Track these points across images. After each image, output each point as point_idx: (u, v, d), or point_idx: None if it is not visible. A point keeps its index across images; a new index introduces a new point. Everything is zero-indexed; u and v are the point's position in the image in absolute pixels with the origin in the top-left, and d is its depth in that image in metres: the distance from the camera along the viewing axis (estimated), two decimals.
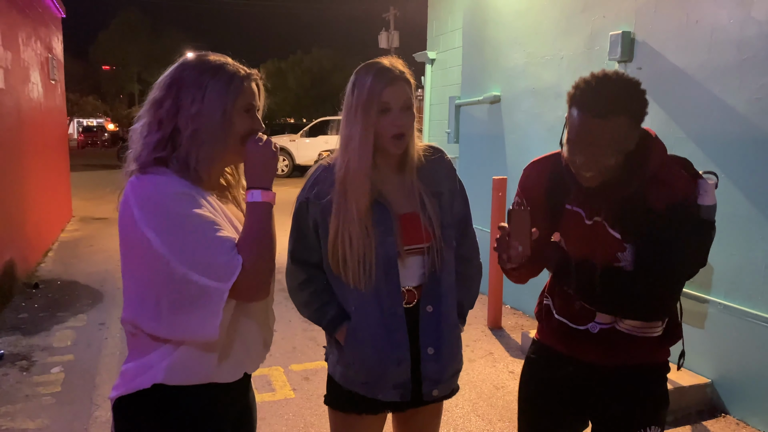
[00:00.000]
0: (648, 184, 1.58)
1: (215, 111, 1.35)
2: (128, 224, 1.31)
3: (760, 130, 3.15)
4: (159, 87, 1.39)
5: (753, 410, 3.25)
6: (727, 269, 3.36)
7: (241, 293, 1.33)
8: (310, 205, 1.71)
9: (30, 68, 7.01)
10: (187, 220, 1.29)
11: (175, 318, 1.30)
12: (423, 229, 1.69)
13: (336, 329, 1.71)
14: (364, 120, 1.62)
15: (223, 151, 1.40)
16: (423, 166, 1.74)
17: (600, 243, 1.63)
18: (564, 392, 1.78)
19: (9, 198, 5.72)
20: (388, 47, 24.05)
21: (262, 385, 3.70)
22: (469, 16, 6.09)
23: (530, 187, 1.77)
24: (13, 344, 4.37)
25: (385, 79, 1.62)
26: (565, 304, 1.75)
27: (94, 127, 42.61)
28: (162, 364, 1.34)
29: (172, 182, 1.33)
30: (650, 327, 1.67)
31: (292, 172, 18.54)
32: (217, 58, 1.42)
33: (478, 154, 5.90)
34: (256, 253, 1.33)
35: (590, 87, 1.50)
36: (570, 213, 1.68)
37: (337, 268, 1.67)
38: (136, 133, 1.40)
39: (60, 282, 6.10)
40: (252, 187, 1.38)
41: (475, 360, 4.16)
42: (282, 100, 37.86)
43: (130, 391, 1.36)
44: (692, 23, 3.52)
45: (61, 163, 9.35)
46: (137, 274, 1.33)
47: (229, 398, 1.46)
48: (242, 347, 1.45)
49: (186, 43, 39.97)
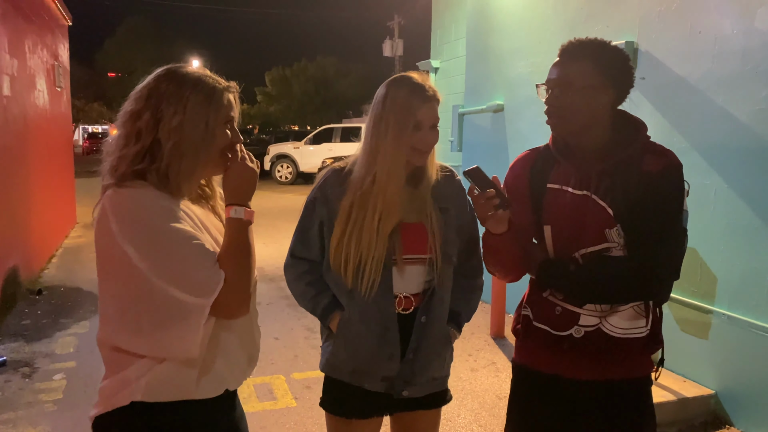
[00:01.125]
0: (642, 152, 1.60)
1: (198, 123, 1.34)
2: (106, 239, 1.28)
3: (763, 140, 3.14)
4: (136, 99, 1.36)
5: (757, 422, 3.22)
6: (731, 280, 3.34)
7: (221, 309, 1.31)
8: (318, 204, 1.77)
9: (36, 75, 7.05)
10: (167, 235, 1.27)
11: (155, 334, 1.28)
12: (427, 241, 1.74)
13: (328, 317, 1.77)
14: (398, 136, 1.66)
15: (204, 163, 1.39)
16: (436, 182, 1.79)
17: (588, 218, 1.61)
18: (549, 421, 1.72)
19: (14, 204, 5.75)
20: (392, 55, 24.16)
21: (264, 394, 3.69)
22: (472, 26, 6.11)
23: (513, 179, 1.79)
24: (16, 351, 4.38)
25: (421, 97, 1.67)
26: (545, 311, 1.70)
27: (99, 133, 42.80)
28: (140, 381, 1.32)
29: (151, 196, 1.30)
30: (635, 327, 1.63)
31: (296, 179, 18.58)
32: (195, 70, 1.41)
33: (481, 162, 5.84)
34: (238, 268, 1.32)
35: (572, 40, 1.61)
36: (552, 191, 1.68)
37: (338, 267, 1.73)
38: (112, 145, 1.37)
39: (63, 288, 6.12)
40: (235, 204, 1.37)
41: (477, 369, 4.15)
42: (286, 108, 38.01)
43: (108, 408, 1.34)
44: (695, 33, 3.52)
45: (65, 169, 9.40)
46: (116, 290, 1.31)
47: (210, 415, 1.42)
48: (224, 363, 1.41)
49: (191, 50, 40.20)
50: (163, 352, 1.31)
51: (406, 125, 1.66)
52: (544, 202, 1.70)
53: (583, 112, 1.58)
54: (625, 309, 1.63)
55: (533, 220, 1.73)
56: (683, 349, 3.59)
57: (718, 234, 3.40)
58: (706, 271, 3.47)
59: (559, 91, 1.59)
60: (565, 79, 1.58)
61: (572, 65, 1.58)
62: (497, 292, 4.76)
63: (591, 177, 1.62)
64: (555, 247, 1.69)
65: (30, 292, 5.83)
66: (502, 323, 4.82)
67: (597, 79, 1.56)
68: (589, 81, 1.56)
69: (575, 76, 1.57)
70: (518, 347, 1.83)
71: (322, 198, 1.76)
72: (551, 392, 1.71)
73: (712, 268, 3.44)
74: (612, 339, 1.63)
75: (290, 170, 18.84)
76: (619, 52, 1.61)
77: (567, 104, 1.58)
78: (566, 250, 1.66)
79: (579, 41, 1.60)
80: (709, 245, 3.45)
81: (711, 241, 3.44)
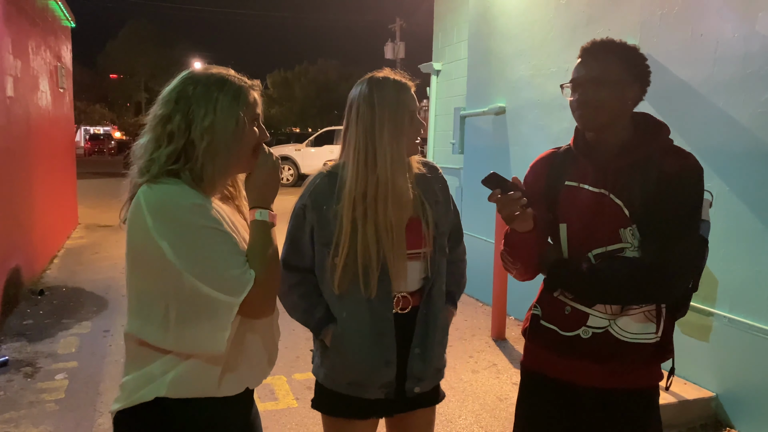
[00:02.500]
0: (661, 153, 1.61)
1: (229, 122, 1.37)
2: (140, 233, 1.30)
3: (764, 144, 3.15)
4: (164, 103, 1.39)
5: (758, 425, 3.22)
6: (733, 282, 3.35)
7: (249, 309, 1.33)
8: (308, 211, 1.75)
9: (39, 77, 7.07)
10: (201, 232, 1.30)
11: (182, 330, 1.30)
12: (423, 235, 1.75)
13: (321, 331, 1.75)
14: (396, 132, 1.69)
15: (237, 161, 1.41)
16: (421, 175, 1.81)
17: (603, 216, 1.61)
18: (555, 426, 1.72)
19: (16, 204, 5.76)
20: (394, 58, 24.19)
21: (265, 394, 3.70)
22: (474, 28, 6.13)
23: (533, 178, 1.80)
24: (18, 350, 4.39)
25: (406, 89, 1.73)
26: (554, 310, 1.71)
27: (101, 135, 42.88)
28: (165, 377, 1.33)
29: (186, 193, 1.33)
30: (645, 332, 1.61)
31: (297, 182, 18.59)
32: (220, 70, 1.44)
33: (482, 165, 5.91)
34: (267, 269, 1.35)
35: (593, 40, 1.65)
36: (569, 189, 1.69)
37: (336, 272, 1.70)
38: (142, 148, 1.40)
39: (65, 289, 6.13)
40: (260, 207, 1.41)
41: (478, 371, 4.15)
42: (287, 110, 38.06)
43: (131, 404, 1.35)
44: (697, 37, 3.53)
45: (67, 170, 9.41)
46: (146, 285, 1.33)
47: (230, 413, 1.45)
48: (246, 363, 1.44)
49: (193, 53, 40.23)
50: (190, 349, 1.33)
51: (402, 120, 1.70)
52: (560, 199, 1.70)
53: (612, 106, 1.61)
54: (636, 312, 1.61)
55: (550, 219, 1.73)
56: (684, 351, 3.59)
57: (719, 237, 3.40)
58: (708, 274, 3.48)
59: (590, 87, 1.61)
60: (594, 76, 1.61)
61: (598, 62, 1.62)
62: (498, 295, 4.76)
63: (608, 175, 1.62)
64: (570, 246, 1.69)
65: (32, 292, 5.84)
66: (503, 325, 4.83)
67: (625, 75, 1.61)
68: (616, 76, 1.60)
69: (603, 71, 1.60)
70: (526, 349, 1.83)
71: (313, 204, 1.74)
72: (557, 398, 1.70)
73: (713, 271, 3.45)
74: (620, 343, 1.61)
75: (291, 172, 18.86)
76: (637, 50, 1.65)
77: (598, 99, 1.60)
78: (581, 249, 1.66)
79: (601, 41, 1.64)
80: (711, 248, 3.44)
81: (712, 244, 3.41)
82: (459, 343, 4.66)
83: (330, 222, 1.71)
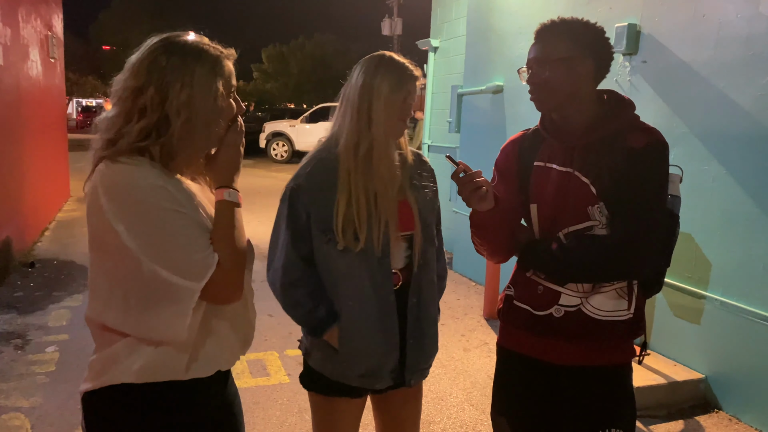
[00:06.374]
0: (627, 130, 1.61)
1: (207, 96, 1.29)
2: (97, 215, 1.24)
3: (764, 127, 3.13)
4: (135, 73, 1.28)
5: (746, 406, 3.26)
6: (726, 266, 3.35)
7: (213, 293, 1.28)
8: (302, 192, 1.71)
9: (29, 45, 6.94)
10: (160, 215, 1.23)
11: (142, 315, 1.25)
12: (412, 218, 1.77)
13: (325, 330, 1.73)
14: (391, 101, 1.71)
15: (213, 136, 1.35)
16: (409, 162, 1.82)
17: (570, 195, 1.61)
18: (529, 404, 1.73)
19: (6, 176, 5.69)
20: (391, 34, 23.91)
21: (257, 370, 3.70)
22: (474, 4, 6.03)
23: (503, 159, 1.81)
24: (8, 323, 4.37)
25: (410, 76, 1.74)
26: (527, 290, 1.70)
27: (93, 107, 42.40)
28: (132, 364, 1.28)
29: (146, 173, 1.25)
30: (617, 309, 1.61)
31: (291, 158, 18.50)
32: (193, 39, 1.34)
33: (479, 144, 5.87)
34: (232, 251, 1.29)
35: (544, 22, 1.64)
36: (538, 169, 1.69)
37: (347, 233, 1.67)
38: (107, 122, 1.30)
39: (56, 261, 6.10)
40: (227, 186, 1.34)
41: (470, 350, 4.17)
42: (282, 85, 37.66)
43: (99, 385, 1.31)
44: (699, 17, 3.48)
45: (59, 142, 9.31)
46: (106, 268, 1.27)
47: (201, 395, 1.39)
48: (216, 346, 1.37)
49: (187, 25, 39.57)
50: (149, 334, 1.27)
51: (398, 97, 1.71)
52: (531, 180, 1.70)
53: (562, 84, 1.60)
54: (607, 290, 1.61)
55: (521, 200, 1.73)
56: (675, 333, 3.62)
57: (714, 220, 3.40)
58: (701, 257, 3.48)
59: (538, 68, 1.62)
60: (542, 56, 1.62)
61: (545, 42, 1.62)
62: (491, 274, 4.77)
63: (574, 153, 1.62)
64: (540, 227, 1.69)
65: (23, 264, 5.81)
66: (495, 304, 4.83)
67: (573, 51, 1.59)
68: (564, 53, 1.59)
69: (551, 51, 1.60)
70: (501, 329, 1.83)
71: (308, 186, 1.70)
72: (532, 376, 1.71)
73: (707, 254, 3.45)
74: (593, 321, 1.61)
75: (286, 148, 18.75)
76: (592, 25, 1.63)
77: (546, 79, 1.61)
78: (551, 229, 1.66)
79: (551, 21, 1.64)
80: (706, 231, 3.45)
81: (707, 227, 3.44)
82: (451, 321, 4.66)
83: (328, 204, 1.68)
